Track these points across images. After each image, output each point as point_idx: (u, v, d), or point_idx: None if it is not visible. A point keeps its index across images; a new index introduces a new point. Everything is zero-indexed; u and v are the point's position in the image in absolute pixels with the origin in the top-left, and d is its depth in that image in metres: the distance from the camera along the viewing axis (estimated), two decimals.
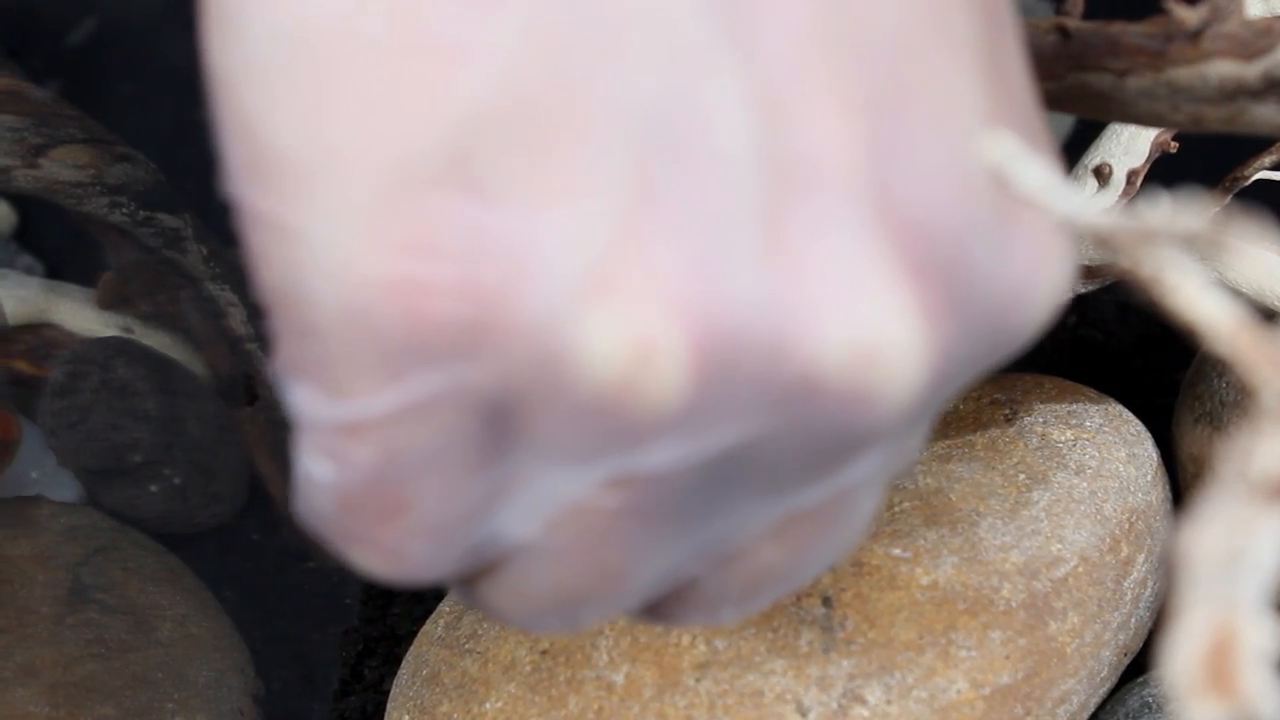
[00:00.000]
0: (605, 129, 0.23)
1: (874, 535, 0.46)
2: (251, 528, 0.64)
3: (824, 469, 0.27)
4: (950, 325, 0.25)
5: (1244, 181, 0.50)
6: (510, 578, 0.28)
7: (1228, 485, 0.18)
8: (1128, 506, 0.49)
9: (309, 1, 0.22)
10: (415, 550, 0.26)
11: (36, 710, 0.53)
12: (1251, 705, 0.17)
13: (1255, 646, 0.18)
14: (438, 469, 0.25)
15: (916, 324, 0.24)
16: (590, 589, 0.28)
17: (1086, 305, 0.67)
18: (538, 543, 0.27)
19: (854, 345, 0.24)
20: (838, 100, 0.24)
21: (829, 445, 0.26)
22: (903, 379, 0.24)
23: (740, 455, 0.25)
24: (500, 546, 0.27)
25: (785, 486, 0.27)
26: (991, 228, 0.25)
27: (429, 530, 0.26)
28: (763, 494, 0.27)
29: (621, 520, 0.26)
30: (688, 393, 0.24)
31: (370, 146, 0.23)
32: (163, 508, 0.60)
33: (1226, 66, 0.31)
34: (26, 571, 0.57)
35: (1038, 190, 0.21)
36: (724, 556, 0.29)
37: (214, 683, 0.58)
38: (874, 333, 0.24)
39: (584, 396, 0.24)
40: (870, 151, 0.24)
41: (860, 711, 0.44)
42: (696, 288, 0.23)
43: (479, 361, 0.24)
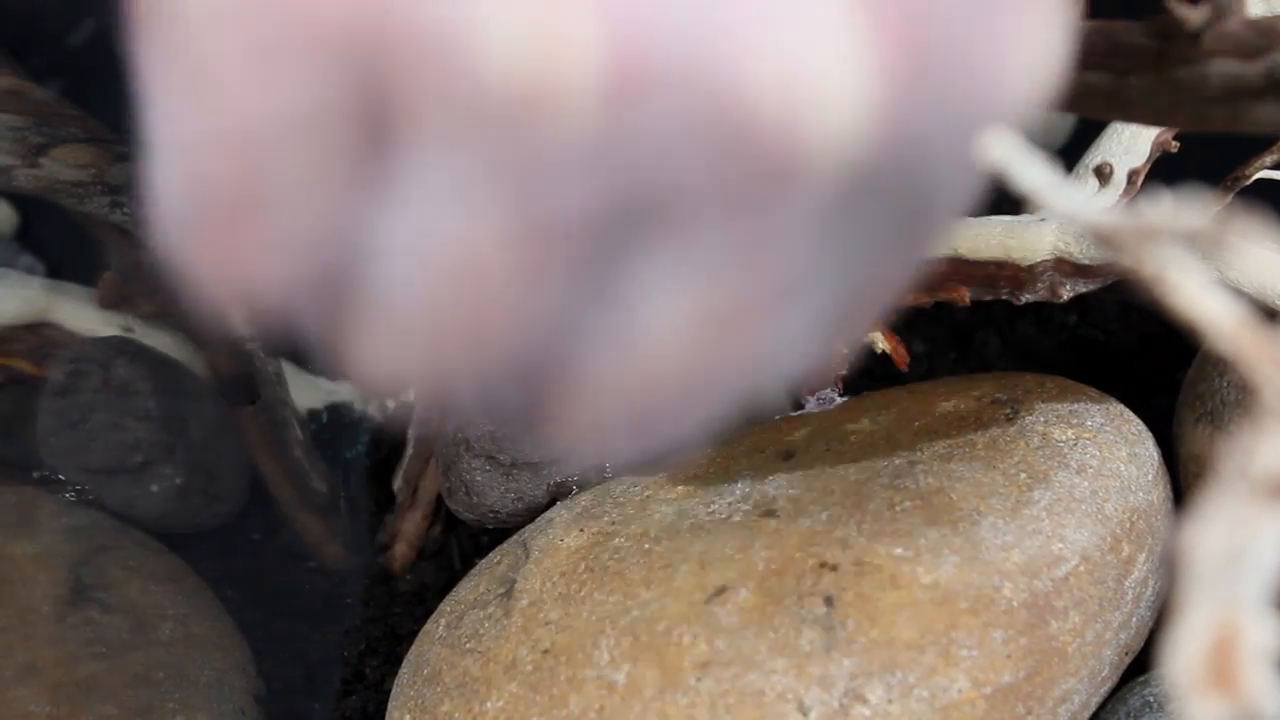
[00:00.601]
0: None
1: (875, 534, 0.46)
2: (253, 527, 0.64)
3: (745, 226, 0.23)
4: (906, 73, 0.22)
5: (1245, 180, 0.50)
6: (372, 320, 0.25)
7: (1229, 484, 0.18)
8: (1129, 506, 0.49)
9: None
10: (268, 259, 0.24)
11: (38, 709, 0.53)
12: (1253, 703, 0.17)
13: (1257, 645, 0.18)
14: (305, 173, 0.23)
15: (862, 60, 0.22)
16: (460, 344, 0.24)
17: (1088, 305, 0.67)
18: (408, 278, 0.24)
19: (786, 70, 0.21)
20: None
21: (750, 190, 0.23)
22: (837, 116, 0.22)
23: (650, 200, 0.23)
24: (367, 280, 0.24)
25: (699, 251, 0.23)
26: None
27: (287, 237, 0.24)
28: (672, 261, 0.24)
29: (507, 262, 0.23)
30: (598, 107, 0.21)
31: None
32: (164, 507, 0.60)
33: (1228, 66, 0.31)
34: (28, 571, 0.57)
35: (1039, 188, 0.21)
36: (619, 340, 0.25)
37: (215, 682, 0.58)
38: (811, 60, 0.21)
39: (479, 97, 0.21)
40: None
41: (862, 710, 0.44)
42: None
43: (364, 55, 0.21)
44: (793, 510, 0.49)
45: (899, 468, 0.49)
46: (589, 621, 0.47)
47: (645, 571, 0.48)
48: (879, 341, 0.55)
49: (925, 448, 0.50)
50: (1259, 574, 0.18)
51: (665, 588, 0.47)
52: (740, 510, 0.50)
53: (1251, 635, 0.18)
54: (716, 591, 0.46)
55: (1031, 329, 0.68)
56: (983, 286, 0.52)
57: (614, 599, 0.48)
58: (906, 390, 0.56)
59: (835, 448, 0.52)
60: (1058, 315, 0.68)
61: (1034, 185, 0.22)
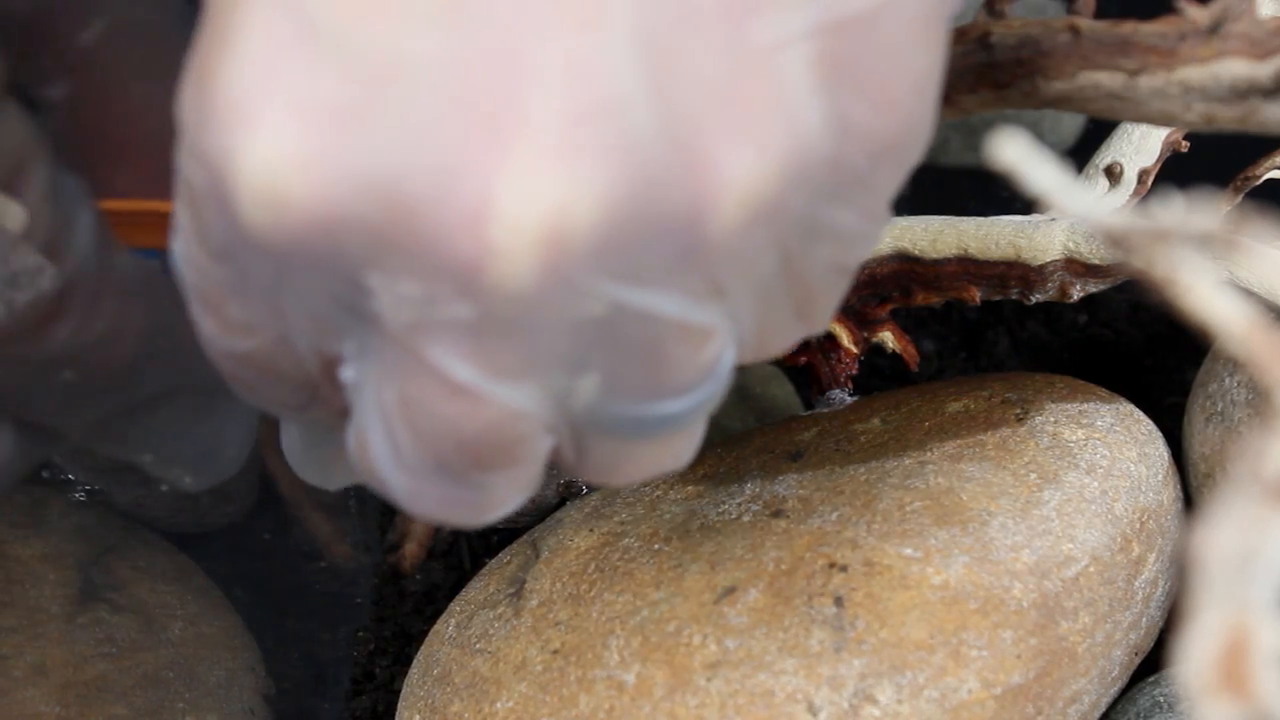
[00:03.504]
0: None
1: (885, 535, 0.46)
2: (262, 527, 0.64)
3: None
4: (616, 196, 0.28)
5: (1255, 181, 0.50)
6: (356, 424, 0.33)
7: (1241, 486, 0.18)
8: (1139, 506, 0.49)
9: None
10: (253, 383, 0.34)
11: (47, 710, 0.53)
12: (1265, 705, 0.17)
13: (1269, 647, 0.18)
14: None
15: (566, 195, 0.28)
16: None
17: (1098, 305, 0.67)
18: (381, 406, 0.32)
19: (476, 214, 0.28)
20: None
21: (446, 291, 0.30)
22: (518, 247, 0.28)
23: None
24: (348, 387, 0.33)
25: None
26: (669, 130, 0.28)
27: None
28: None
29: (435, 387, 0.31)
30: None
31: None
32: (173, 507, 0.60)
33: (1239, 66, 0.31)
34: (37, 571, 0.57)
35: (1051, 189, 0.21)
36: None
37: (225, 682, 0.58)
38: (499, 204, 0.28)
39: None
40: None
41: (871, 711, 0.44)
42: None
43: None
44: (802, 510, 0.49)
45: (909, 468, 0.49)
46: (599, 622, 0.47)
47: (655, 572, 0.48)
48: (889, 341, 0.55)
49: (935, 447, 0.50)
50: (1270, 576, 0.18)
51: (675, 588, 0.47)
52: (750, 510, 0.50)
53: (1263, 637, 0.18)
54: (726, 591, 0.46)
55: (1041, 329, 0.68)
56: (993, 286, 0.52)
57: (624, 599, 0.48)
58: (916, 390, 0.56)
59: (844, 447, 0.52)
60: (1068, 315, 0.68)
61: (1045, 186, 0.22)
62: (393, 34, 0.28)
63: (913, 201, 0.71)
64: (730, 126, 0.29)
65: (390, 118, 0.28)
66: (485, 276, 0.28)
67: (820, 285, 0.33)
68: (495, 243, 0.28)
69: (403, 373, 0.31)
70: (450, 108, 0.28)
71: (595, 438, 0.33)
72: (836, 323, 0.55)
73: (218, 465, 0.51)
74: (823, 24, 0.29)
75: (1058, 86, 0.35)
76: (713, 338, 0.32)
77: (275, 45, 0.28)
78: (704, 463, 0.55)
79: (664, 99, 0.28)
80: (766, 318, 0.33)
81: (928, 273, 0.53)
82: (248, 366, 0.34)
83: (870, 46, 0.30)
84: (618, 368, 0.31)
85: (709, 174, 0.29)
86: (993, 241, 0.51)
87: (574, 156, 0.28)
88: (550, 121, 0.28)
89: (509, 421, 0.31)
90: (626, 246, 0.29)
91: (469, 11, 0.27)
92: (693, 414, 0.33)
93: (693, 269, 0.30)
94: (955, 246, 0.52)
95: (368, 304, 0.30)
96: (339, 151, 0.28)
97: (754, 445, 0.55)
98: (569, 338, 0.30)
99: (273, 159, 0.28)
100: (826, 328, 0.35)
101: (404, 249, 0.28)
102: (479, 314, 0.29)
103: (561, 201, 0.28)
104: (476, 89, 0.28)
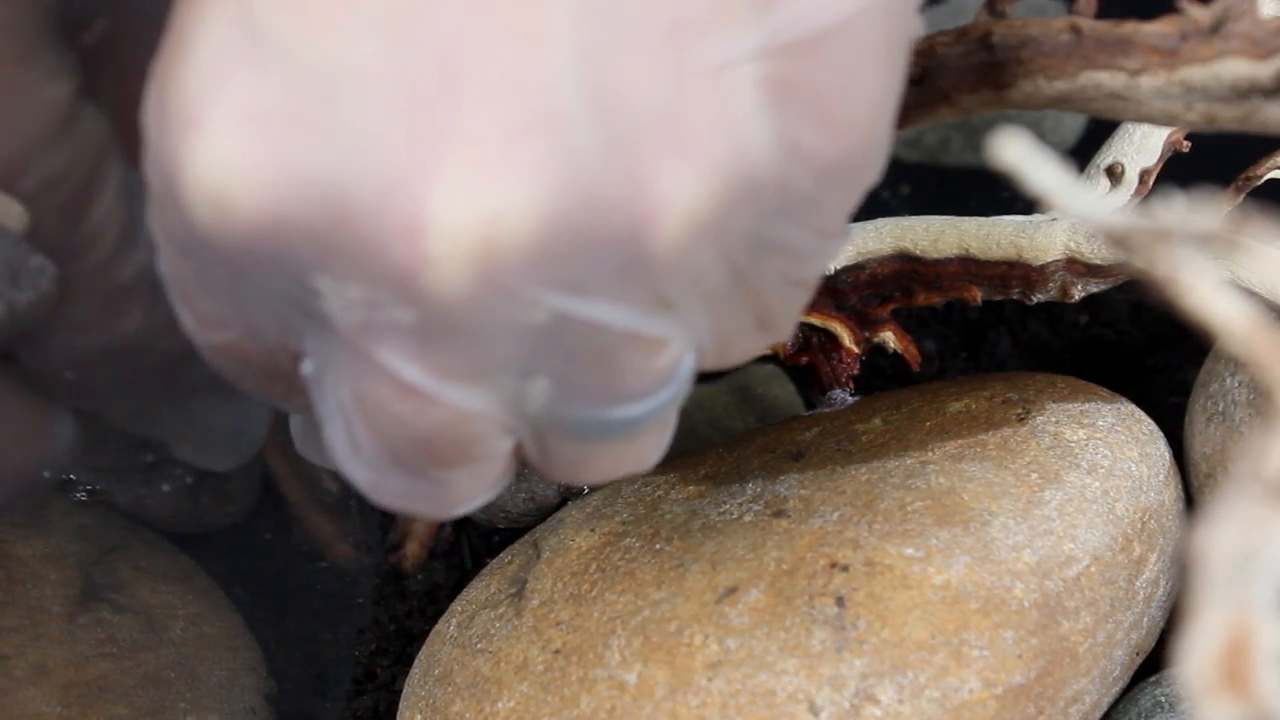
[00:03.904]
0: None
1: (886, 535, 0.46)
2: (264, 527, 0.64)
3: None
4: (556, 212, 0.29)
5: (1256, 181, 0.50)
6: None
7: (1242, 485, 0.18)
8: (1140, 506, 0.49)
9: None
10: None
11: (48, 710, 0.53)
12: (1266, 704, 0.17)
13: (1270, 646, 0.18)
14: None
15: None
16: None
17: (1099, 305, 0.67)
18: (341, 402, 0.33)
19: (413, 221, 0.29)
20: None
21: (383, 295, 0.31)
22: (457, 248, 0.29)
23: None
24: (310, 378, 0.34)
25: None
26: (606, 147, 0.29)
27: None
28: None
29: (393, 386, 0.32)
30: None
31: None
32: (175, 507, 0.60)
33: (1240, 66, 0.31)
34: (38, 571, 0.57)
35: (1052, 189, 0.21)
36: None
37: (226, 682, 0.58)
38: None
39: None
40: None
41: (873, 711, 0.44)
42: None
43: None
44: (803, 510, 0.49)
45: (910, 467, 0.49)
46: (600, 621, 0.47)
47: (656, 572, 0.48)
48: (891, 341, 0.55)
49: (936, 447, 0.50)
50: (1271, 576, 0.18)
51: (676, 588, 0.47)
52: (751, 510, 0.50)
53: (1264, 637, 0.18)
54: (727, 591, 0.46)
55: (1043, 329, 0.68)
56: (994, 286, 0.52)
57: (625, 599, 0.48)
58: (917, 390, 0.56)
59: (846, 447, 0.52)
60: (1069, 315, 0.68)
61: (1046, 186, 0.22)
62: (337, 44, 0.28)
63: (914, 201, 0.71)
64: (672, 145, 0.29)
65: (332, 126, 0.28)
66: (421, 283, 0.29)
67: (776, 298, 0.34)
68: (430, 251, 0.29)
69: (356, 372, 0.31)
70: (390, 117, 0.28)
71: (556, 439, 0.34)
72: (838, 323, 0.55)
73: (242, 446, 0.52)
74: (771, 46, 0.30)
75: (1059, 86, 0.35)
76: (666, 346, 0.32)
77: (225, 54, 0.29)
78: (705, 462, 0.55)
79: (605, 115, 0.29)
80: (724, 327, 0.34)
81: (929, 273, 0.53)
82: (226, 357, 0.35)
83: (821, 69, 0.30)
84: (568, 373, 0.32)
85: (649, 191, 0.29)
86: (994, 241, 0.51)
87: (510, 168, 0.28)
88: (488, 133, 0.28)
89: (461, 421, 0.32)
90: (565, 258, 0.29)
91: (412, 24, 0.28)
92: (652, 417, 0.34)
93: (636, 282, 0.31)
94: (957, 246, 0.52)
95: (318, 305, 0.31)
96: (282, 157, 0.29)
97: (755, 445, 0.55)
98: (514, 343, 0.31)
99: (217, 164, 0.29)
100: (790, 336, 0.36)
101: (346, 254, 0.29)
102: (420, 318, 0.30)
103: (495, 211, 0.28)
104: (416, 100, 0.28)
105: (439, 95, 0.28)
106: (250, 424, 0.52)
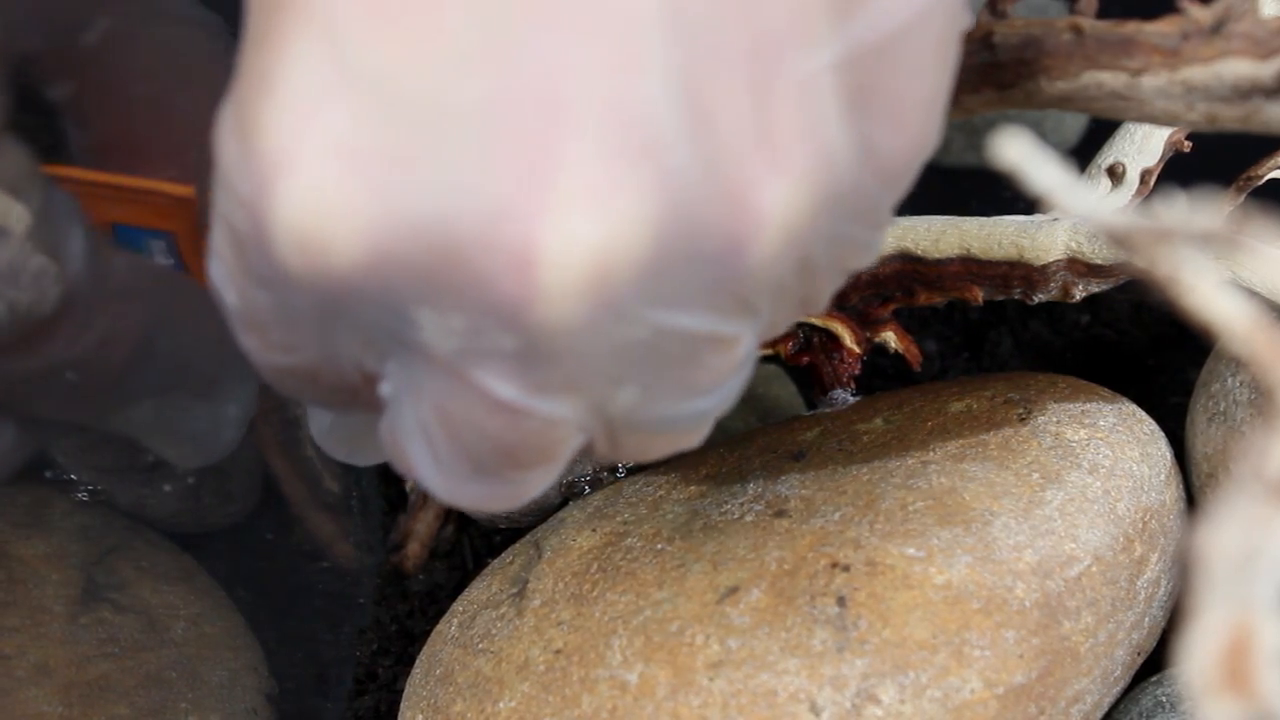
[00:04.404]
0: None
1: (887, 534, 0.46)
2: (265, 527, 0.64)
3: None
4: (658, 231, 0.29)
5: (1257, 181, 0.50)
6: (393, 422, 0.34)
7: (1243, 486, 0.18)
8: (1141, 506, 0.49)
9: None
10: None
11: (50, 710, 0.53)
12: (1268, 704, 0.17)
13: (1272, 646, 0.18)
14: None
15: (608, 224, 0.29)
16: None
17: (1100, 305, 0.67)
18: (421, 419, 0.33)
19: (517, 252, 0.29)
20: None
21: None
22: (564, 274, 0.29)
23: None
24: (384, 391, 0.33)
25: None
26: (711, 170, 0.29)
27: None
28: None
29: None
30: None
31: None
32: (176, 507, 0.60)
33: (1242, 66, 0.31)
34: (39, 571, 0.57)
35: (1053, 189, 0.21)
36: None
37: (227, 682, 0.58)
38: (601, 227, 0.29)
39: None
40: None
41: (874, 711, 0.44)
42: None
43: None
44: (805, 510, 0.49)
45: (911, 467, 0.49)
46: (601, 621, 0.47)
47: (658, 571, 0.48)
48: (892, 341, 0.55)
49: (938, 447, 0.50)
50: (1273, 575, 0.18)
51: (677, 588, 0.47)
52: (752, 510, 0.50)
53: (1266, 636, 0.18)
54: (729, 591, 0.46)
55: (1044, 329, 0.68)
56: (995, 286, 0.52)
57: (626, 599, 0.48)
58: (919, 390, 0.56)
59: (847, 447, 0.52)
60: (1070, 315, 0.68)
61: (1049, 186, 0.22)
62: (432, 77, 0.28)
63: (915, 201, 0.71)
64: (765, 159, 0.30)
65: (432, 161, 0.28)
66: (532, 315, 0.29)
67: (825, 283, 0.35)
68: (542, 285, 0.29)
69: (446, 392, 0.31)
70: (491, 150, 0.28)
71: (628, 433, 0.34)
72: (839, 323, 0.55)
73: (212, 447, 0.52)
74: (850, 54, 0.30)
75: (1061, 86, 0.35)
76: (741, 342, 0.33)
77: (315, 89, 0.28)
78: (707, 462, 0.55)
79: (700, 136, 0.29)
80: (777, 315, 0.34)
81: (930, 273, 0.53)
82: (289, 377, 0.35)
83: (891, 71, 0.31)
84: (655, 379, 0.32)
85: (746, 206, 0.30)
86: (995, 241, 0.51)
87: (614, 195, 0.28)
88: (590, 162, 0.28)
89: (548, 430, 0.32)
90: (668, 278, 0.30)
91: (507, 55, 0.28)
92: (720, 406, 0.35)
93: (729, 290, 0.31)
94: (958, 246, 0.52)
95: (413, 333, 0.30)
96: (382, 196, 0.28)
97: (757, 445, 0.55)
98: (612, 359, 0.31)
99: (312, 206, 0.29)
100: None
101: (451, 290, 0.29)
102: (525, 344, 0.30)
103: (604, 241, 0.28)
104: (516, 131, 0.28)
105: (540, 125, 0.28)
106: (222, 427, 0.51)
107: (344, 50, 0.28)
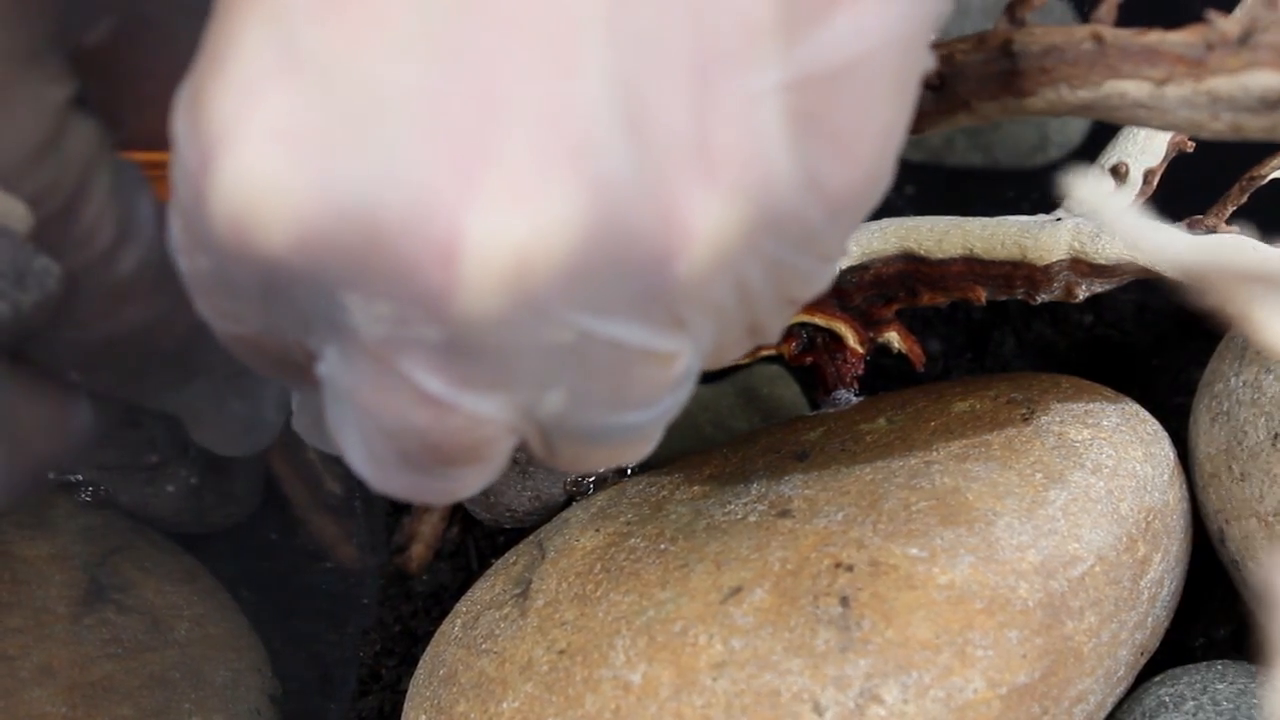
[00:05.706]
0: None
1: (891, 535, 0.46)
2: (268, 528, 0.64)
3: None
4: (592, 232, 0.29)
5: (1261, 181, 0.50)
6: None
7: None
8: (1145, 506, 0.49)
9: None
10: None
11: (53, 710, 0.53)
12: None
13: None
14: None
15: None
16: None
17: (1103, 305, 0.67)
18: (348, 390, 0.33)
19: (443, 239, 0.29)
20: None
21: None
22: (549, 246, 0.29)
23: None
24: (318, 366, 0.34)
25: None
26: (641, 180, 0.29)
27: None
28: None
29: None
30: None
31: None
32: (178, 507, 0.60)
33: (1268, 77, 0.31)
34: (43, 571, 0.57)
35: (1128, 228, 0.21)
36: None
37: (231, 683, 0.58)
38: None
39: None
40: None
41: (877, 711, 0.44)
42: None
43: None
44: (808, 510, 0.49)
45: (914, 467, 0.49)
46: (605, 622, 0.47)
47: (661, 572, 0.48)
48: (895, 341, 0.55)
49: (941, 447, 0.50)
50: None
51: (681, 588, 0.47)
52: (756, 510, 0.50)
53: None
54: (732, 591, 0.46)
55: (1047, 329, 0.68)
56: (999, 286, 0.52)
57: (630, 599, 0.48)
58: (922, 390, 0.56)
59: (850, 447, 0.52)
60: (1073, 315, 0.68)
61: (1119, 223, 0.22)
62: (372, 66, 0.28)
63: (919, 201, 0.71)
64: (702, 174, 0.30)
65: (369, 147, 0.29)
66: (454, 306, 0.29)
67: (771, 313, 0.35)
68: (463, 276, 0.29)
69: (374, 378, 0.32)
70: (427, 140, 0.29)
71: (563, 440, 0.35)
72: (842, 323, 0.55)
73: (259, 431, 0.52)
74: (797, 78, 0.30)
75: (1083, 95, 0.35)
76: (676, 359, 0.33)
77: (260, 71, 0.29)
78: (710, 463, 0.55)
79: (637, 145, 0.29)
80: (723, 338, 0.34)
81: (933, 273, 0.53)
82: (240, 345, 0.35)
83: (841, 102, 0.31)
84: (584, 386, 0.33)
85: (678, 220, 0.30)
86: (998, 242, 0.51)
87: (542, 194, 0.29)
88: (523, 159, 0.29)
89: (474, 427, 0.33)
90: (594, 283, 0.30)
91: (451, 49, 0.28)
92: (656, 422, 0.35)
93: (658, 304, 0.31)
94: (961, 247, 0.52)
95: (342, 317, 0.31)
96: (316, 178, 0.29)
97: (760, 445, 0.55)
98: (537, 360, 0.31)
99: (247, 183, 0.29)
100: (776, 338, 0.37)
101: (377, 275, 0.29)
102: (448, 336, 0.30)
103: (527, 238, 0.29)
104: (453, 124, 0.29)
105: (477, 120, 0.29)
106: (266, 408, 0.52)
107: (291, 35, 0.29)
